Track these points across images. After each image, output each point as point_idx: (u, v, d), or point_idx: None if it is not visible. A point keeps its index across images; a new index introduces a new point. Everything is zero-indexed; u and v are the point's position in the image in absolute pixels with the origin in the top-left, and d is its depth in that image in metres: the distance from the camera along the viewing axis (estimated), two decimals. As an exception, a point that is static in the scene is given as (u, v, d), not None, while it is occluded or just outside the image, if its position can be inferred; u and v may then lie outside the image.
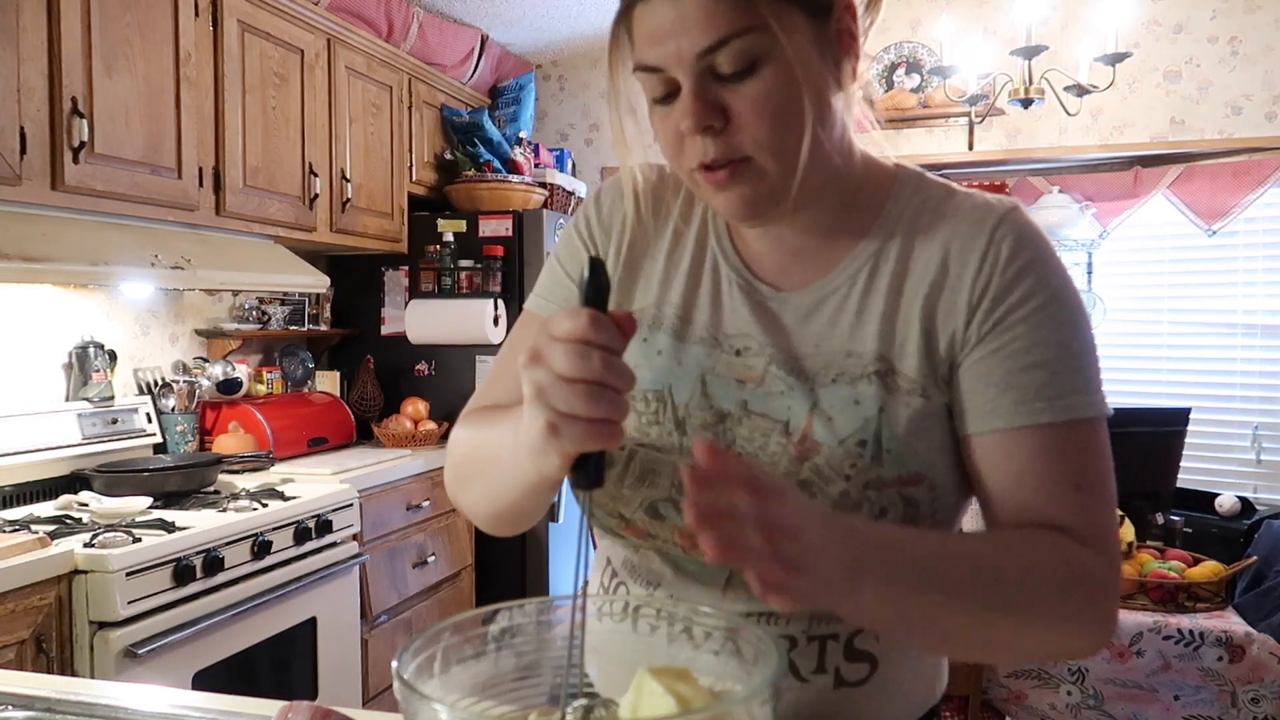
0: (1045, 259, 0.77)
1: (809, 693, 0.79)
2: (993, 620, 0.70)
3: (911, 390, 0.76)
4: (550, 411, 0.60)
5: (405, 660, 0.61)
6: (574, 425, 0.59)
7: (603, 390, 0.59)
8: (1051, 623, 0.72)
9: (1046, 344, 0.75)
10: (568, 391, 0.59)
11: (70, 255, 2.09)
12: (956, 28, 3.05)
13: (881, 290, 0.79)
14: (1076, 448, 0.75)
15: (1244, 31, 3.56)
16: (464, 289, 3.44)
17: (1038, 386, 0.74)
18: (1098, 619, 0.73)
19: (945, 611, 0.69)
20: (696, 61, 0.71)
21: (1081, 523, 0.73)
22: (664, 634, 0.69)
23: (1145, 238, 3.73)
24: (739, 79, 0.71)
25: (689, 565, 0.83)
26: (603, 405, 0.59)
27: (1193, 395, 3.57)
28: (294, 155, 2.88)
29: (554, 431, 0.60)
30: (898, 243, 0.80)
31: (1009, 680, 2.02)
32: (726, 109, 0.72)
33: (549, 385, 0.60)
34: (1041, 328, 0.75)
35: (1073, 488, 0.74)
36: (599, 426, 0.59)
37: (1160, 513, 2.50)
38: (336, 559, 2.50)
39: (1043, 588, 0.70)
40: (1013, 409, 0.74)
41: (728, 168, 0.73)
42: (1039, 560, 0.71)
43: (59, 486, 2.40)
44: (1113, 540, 0.75)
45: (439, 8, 3.62)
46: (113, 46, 2.21)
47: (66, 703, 0.94)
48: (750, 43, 0.70)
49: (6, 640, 1.72)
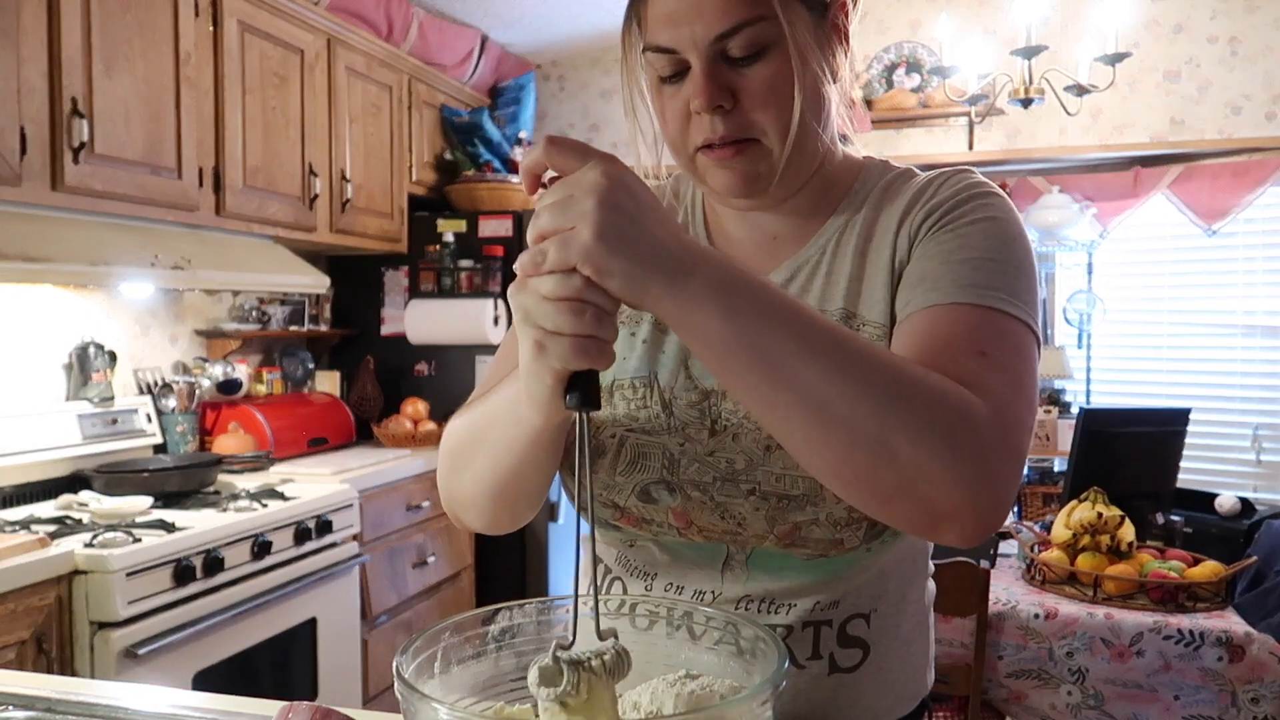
0: (992, 196, 0.80)
1: (805, 679, 0.81)
2: (843, 387, 0.61)
3: (878, 336, 0.79)
4: (537, 330, 0.61)
5: (405, 660, 0.61)
6: (559, 341, 0.60)
7: (585, 306, 0.60)
8: (905, 420, 0.62)
9: (977, 248, 0.76)
10: (552, 309, 0.60)
11: (70, 255, 2.09)
12: (956, 28, 3.05)
13: (848, 255, 0.83)
14: (990, 327, 0.71)
15: (1244, 31, 3.56)
16: (464, 289, 3.44)
17: (960, 276, 0.74)
18: (970, 459, 0.62)
19: (787, 347, 0.61)
20: (710, 45, 0.75)
21: (978, 383, 0.66)
22: (663, 631, 0.70)
23: (1145, 238, 3.73)
24: (747, 63, 0.76)
25: (685, 551, 0.84)
26: (587, 321, 0.60)
27: (1193, 395, 3.57)
28: (294, 155, 2.88)
29: (541, 350, 0.61)
30: (863, 214, 0.85)
31: (1009, 680, 2.02)
32: (735, 91, 0.77)
33: (534, 306, 0.61)
34: (974, 236, 0.77)
35: (979, 355, 0.69)
36: (584, 342, 0.60)
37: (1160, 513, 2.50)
38: (336, 559, 2.50)
39: (911, 383, 0.63)
40: (930, 293, 0.74)
41: (733, 146, 0.78)
42: (917, 370, 0.64)
43: (59, 487, 2.40)
44: (1008, 409, 0.66)
45: (439, 8, 3.62)
46: (113, 46, 2.22)
47: (67, 703, 0.94)
48: (760, 30, 0.75)
49: (7, 640, 1.72)
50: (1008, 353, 0.70)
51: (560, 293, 0.60)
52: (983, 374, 0.67)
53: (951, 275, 0.74)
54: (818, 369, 0.61)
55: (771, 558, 0.82)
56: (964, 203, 0.79)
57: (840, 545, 0.79)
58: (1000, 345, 0.70)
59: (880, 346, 0.72)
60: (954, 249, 0.76)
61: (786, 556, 0.81)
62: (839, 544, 0.79)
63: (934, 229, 0.79)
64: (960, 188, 0.81)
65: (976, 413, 0.64)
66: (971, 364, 0.68)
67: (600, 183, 0.59)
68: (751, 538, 0.81)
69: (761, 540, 0.81)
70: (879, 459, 0.62)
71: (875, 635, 0.83)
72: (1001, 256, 0.75)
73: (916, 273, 0.77)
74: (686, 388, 0.83)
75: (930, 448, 0.62)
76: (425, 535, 3.08)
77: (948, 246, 0.76)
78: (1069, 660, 1.96)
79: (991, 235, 0.77)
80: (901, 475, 0.62)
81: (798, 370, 0.61)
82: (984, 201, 0.79)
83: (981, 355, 0.69)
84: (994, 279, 0.74)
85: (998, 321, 0.72)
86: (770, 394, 0.62)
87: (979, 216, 0.78)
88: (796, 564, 0.81)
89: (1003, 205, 0.80)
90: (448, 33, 3.68)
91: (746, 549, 0.83)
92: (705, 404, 0.82)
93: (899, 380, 0.63)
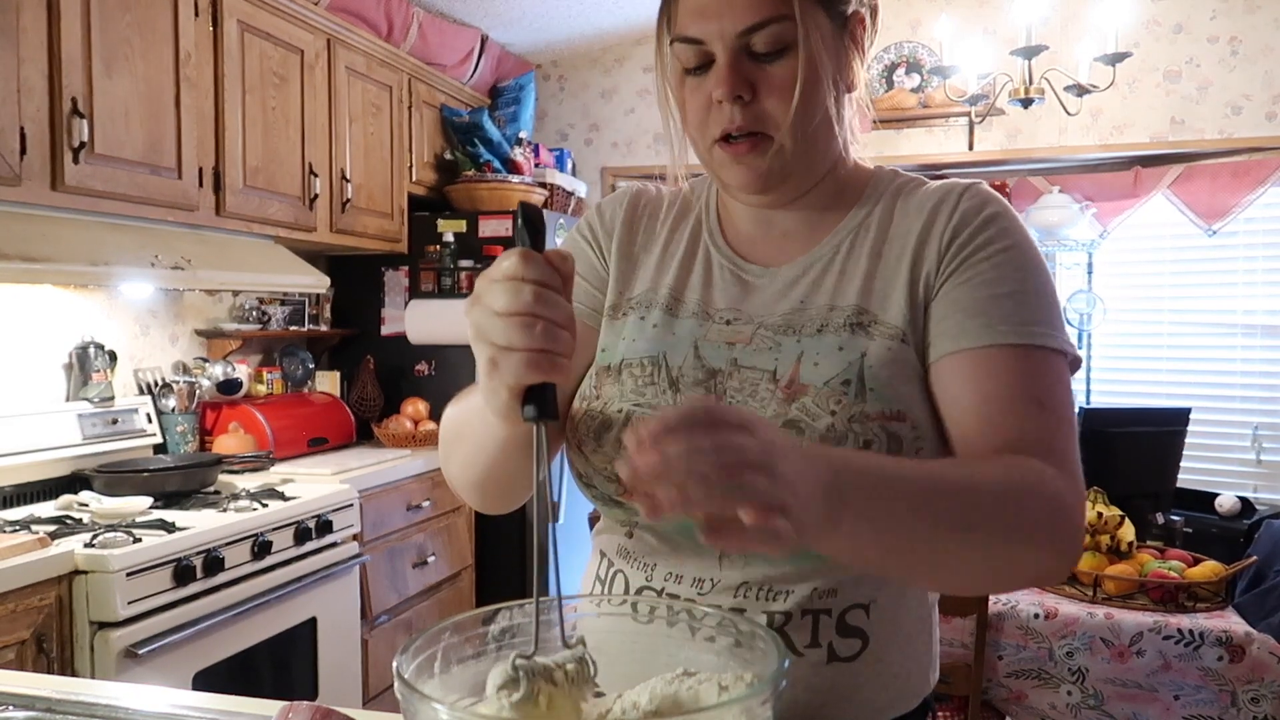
0: (1009, 216, 0.85)
1: (804, 667, 0.81)
2: (968, 539, 0.70)
3: (892, 336, 0.82)
4: (490, 347, 0.62)
5: (405, 660, 0.61)
6: (510, 357, 0.61)
7: (535, 321, 0.61)
8: (1024, 538, 0.72)
9: (1011, 280, 0.81)
10: (502, 325, 0.61)
11: (70, 255, 2.09)
12: (956, 28, 3.05)
13: (863, 255, 0.87)
14: (1040, 371, 0.79)
15: (1244, 31, 3.56)
16: (464, 289, 3.44)
17: (1004, 313, 0.80)
18: (1067, 536, 0.75)
19: (923, 533, 0.68)
20: (736, 39, 0.80)
21: (1047, 445, 0.76)
22: (663, 629, 0.70)
23: (1145, 238, 3.73)
24: (769, 59, 0.81)
25: (684, 540, 0.85)
26: (537, 336, 0.61)
27: (1193, 395, 3.57)
28: (294, 155, 2.88)
29: (494, 366, 0.63)
30: (877, 216, 0.89)
31: (1009, 680, 2.02)
32: (755, 84, 0.81)
33: (485, 322, 0.62)
34: (1005, 266, 0.82)
35: (1037, 405, 0.78)
36: (536, 357, 0.61)
37: (1160, 513, 2.50)
38: (336, 559, 2.50)
39: (1016, 504, 0.72)
40: (980, 330, 0.80)
41: (748, 140, 0.82)
42: (1012, 477, 0.73)
43: (59, 487, 2.40)
44: (1076, 465, 0.77)
45: (439, 8, 3.62)
46: (113, 46, 2.22)
47: (67, 703, 0.94)
48: (783, 29, 0.80)
49: (7, 640, 1.72)
50: (1059, 394, 0.79)
51: (512, 307, 0.61)
52: (1045, 428, 0.77)
53: (999, 312, 0.80)
54: (950, 538, 0.69)
55: None
56: (988, 223, 0.83)
57: None
58: (1051, 388, 0.79)
59: (977, 472, 0.73)
60: (992, 279, 0.81)
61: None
62: None
63: (965, 255, 0.82)
64: (977, 202, 0.85)
65: (1063, 494, 0.73)
66: (1033, 419, 0.77)
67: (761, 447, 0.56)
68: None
69: None
70: (1007, 574, 0.75)
71: (875, 627, 0.83)
72: (1036, 284, 0.82)
73: (960, 304, 0.81)
74: (694, 367, 0.86)
75: (1042, 548, 0.73)
76: (425, 535, 3.08)
77: (987, 277, 0.81)
78: (1069, 660, 1.96)
79: (1022, 265, 0.82)
80: (1025, 575, 0.78)
81: (932, 549, 0.70)
82: (1006, 225, 0.84)
83: (1039, 405, 0.77)
84: (1035, 312, 0.80)
85: (1044, 361, 0.79)
86: (913, 566, 0.73)
87: (1007, 243, 0.83)
88: (796, 553, 0.81)
89: (1018, 222, 0.86)
90: (448, 33, 3.68)
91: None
92: (711, 382, 0.85)
93: (1007, 507, 0.71)
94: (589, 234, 0.99)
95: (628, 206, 0.98)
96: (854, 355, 0.81)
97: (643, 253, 0.96)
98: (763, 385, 0.82)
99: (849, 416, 0.78)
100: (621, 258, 0.96)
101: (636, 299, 0.93)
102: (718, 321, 0.88)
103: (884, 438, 0.78)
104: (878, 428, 0.78)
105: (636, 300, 0.93)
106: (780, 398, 0.81)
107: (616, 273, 0.96)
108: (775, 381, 0.82)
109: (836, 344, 0.82)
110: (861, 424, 0.78)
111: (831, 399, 0.79)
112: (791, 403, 0.80)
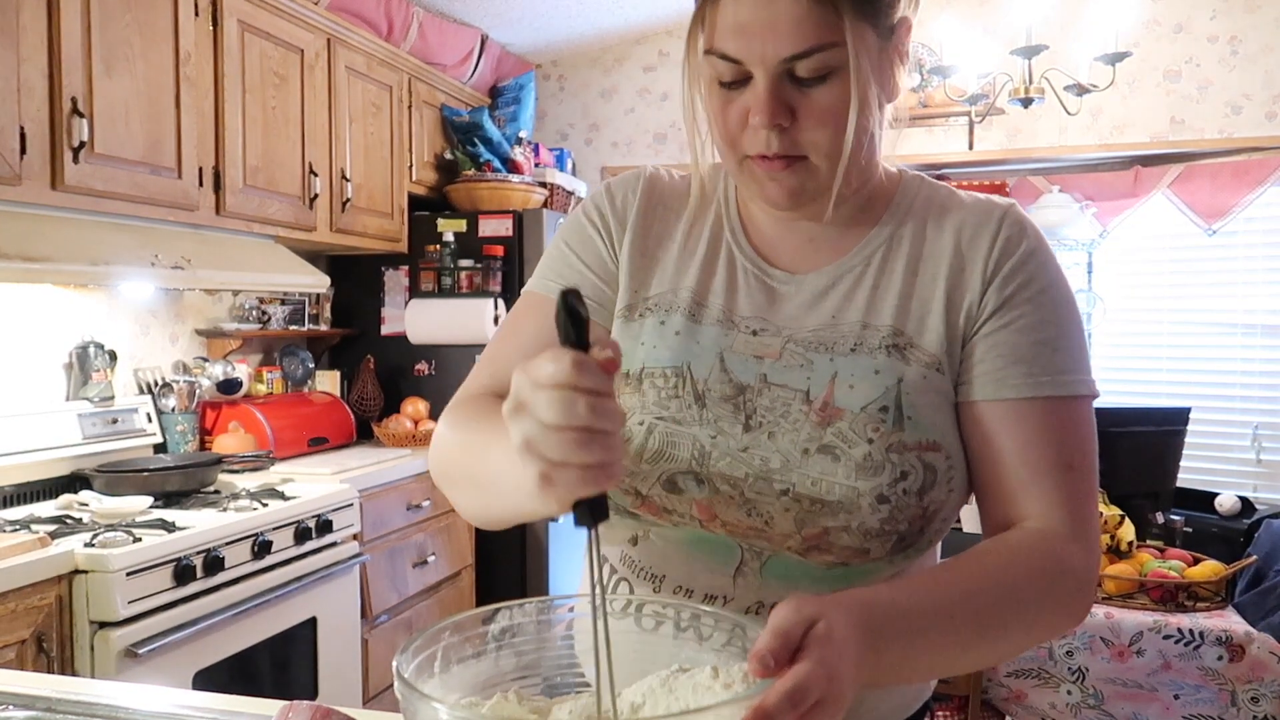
0: (1045, 250, 0.84)
1: None
2: (997, 642, 0.73)
3: (929, 364, 0.80)
4: (542, 462, 0.57)
5: (405, 660, 0.61)
6: (567, 473, 0.57)
7: (593, 435, 0.56)
8: (1047, 623, 0.77)
9: (1050, 324, 0.81)
10: (556, 440, 0.56)
11: (70, 255, 2.09)
12: (956, 27, 3.05)
13: (898, 271, 0.84)
14: (1073, 423, 0.80)
15: (1244, 31, 3.56)
16: (464, 289, 3.44)
17: (1044, 361, 0.80)
18: (1084, 605, 0.78)
19: (953, 653, 0.72)
20: (779, 64, 0.75)
21: (1071, 511, 0.78)
22: (669, 633, 0.69)
23: (1145, 237, 3.73)
24: (812, 84, 0.76)
25: (698, 552, 0.83)
26: (595, 451, 0.56)
27: (1193, 395, 3.57)
28: (294, 155, 2.88)
29: (548, 481, 0.57)
30: (910, 228, 0.86)
31: (1009, 680, 2.02)
32: (795, 109, 0.77)
33: (537, 436, 0.57)
34: (1045, 308, 0.81)
35: (1067, 469, 0.79)
36: (594, 471, 0.56)
37: (1160, 512, 2.50)
38: (336, 559, 2.50)
39: (1038, 599, 0.75)
40: (1022, 380, 0.80)
41: (784, 159, 0.78)
42: (1033, 566, 0.75)
43: (59, 486, 2.40)
44: (1094, 530, 0.80)
45: (439, 8, 3.62)
46: (113, 46, 2.21)
47: (67, 703, 0.94)
48: (830, 56, 0.74)
49: (7, 640, 1.72)
50: (1087, 448, 0.81)
51: (565, 421, 0.55)
52: (1074, 496, 0.79)
53: (1040, 362, 0.80)
54: (981, 645, 0.72)
55: (788, 566, 0.81)
56: (1029, 258, 0.83)
57: (865, 555, 0.78)
58: (1082, 444, 0.80)
59: (1004, 578, 0.74)
60: (1034, 324, 0.81)
61: (804, 565, 0.80)
62: (864, 554, 0.78)
63: (1009, 294, 0.82)
64: (1017, 231, 0.84)
65: (1079, 570, 0.76)
66: (1062, 488, 0.78)
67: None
68: (777, 536, 0.79)
69: (785, 540, 0.79)
70: (1030, 646, 0.78)
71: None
72: (1071, 329, 0.82)
73: (1001, 349, 0.81)
74: (721, 381, 0.82)
75: (1065, 620, 0.78)
76: (425, 535, 3.08)
77: (1030, 320, 0.81)
78: (1069, 659, 1.96)
79: (1058, 305, 0.82)
80: (1045, 640, 0.82)
81: (965, 657, 0.73)
82: (1044, 259, 0.84)
83: (1069, 469, 0.79)
84: (1070, 357, 0.81)
85: (1078, 412, 0.81)
86: (945, 672, 0.77)
87: (1046, 281, 0.83)
88: (813, 573, 0.80)
89: (1055, 260, 0.85)
90: (448, 32, 3.68)
91: (763, 555, 0.81)
92: (740, 399, 0.81)
93: (1031, 604, 0.74)
94: (598, 220, 0.92)
95: (643, 194, 0.92)
96: (891, 380, 0.79)
97: (659, 248, 0.90)
98: (795, 406, 0.80)
99: (887, 445, 0.77)
100: (636, 252, 0.90)
101: (654, 300, 0.88)
102: (743, 331, 0.84)
103: (920, 469, 0.77)
104: (914, 458, 0.77)
105: (654, 301, 0.88)
106: (814, 420, 0.79)
107: (630, 268, 0.90)
108: (809, 403, 0.79)
109: (872, 367, 0.80)
110: (899, 454, 0.77)
111: (869, 425, 0.77)
112: (827, 427, 0.78)
